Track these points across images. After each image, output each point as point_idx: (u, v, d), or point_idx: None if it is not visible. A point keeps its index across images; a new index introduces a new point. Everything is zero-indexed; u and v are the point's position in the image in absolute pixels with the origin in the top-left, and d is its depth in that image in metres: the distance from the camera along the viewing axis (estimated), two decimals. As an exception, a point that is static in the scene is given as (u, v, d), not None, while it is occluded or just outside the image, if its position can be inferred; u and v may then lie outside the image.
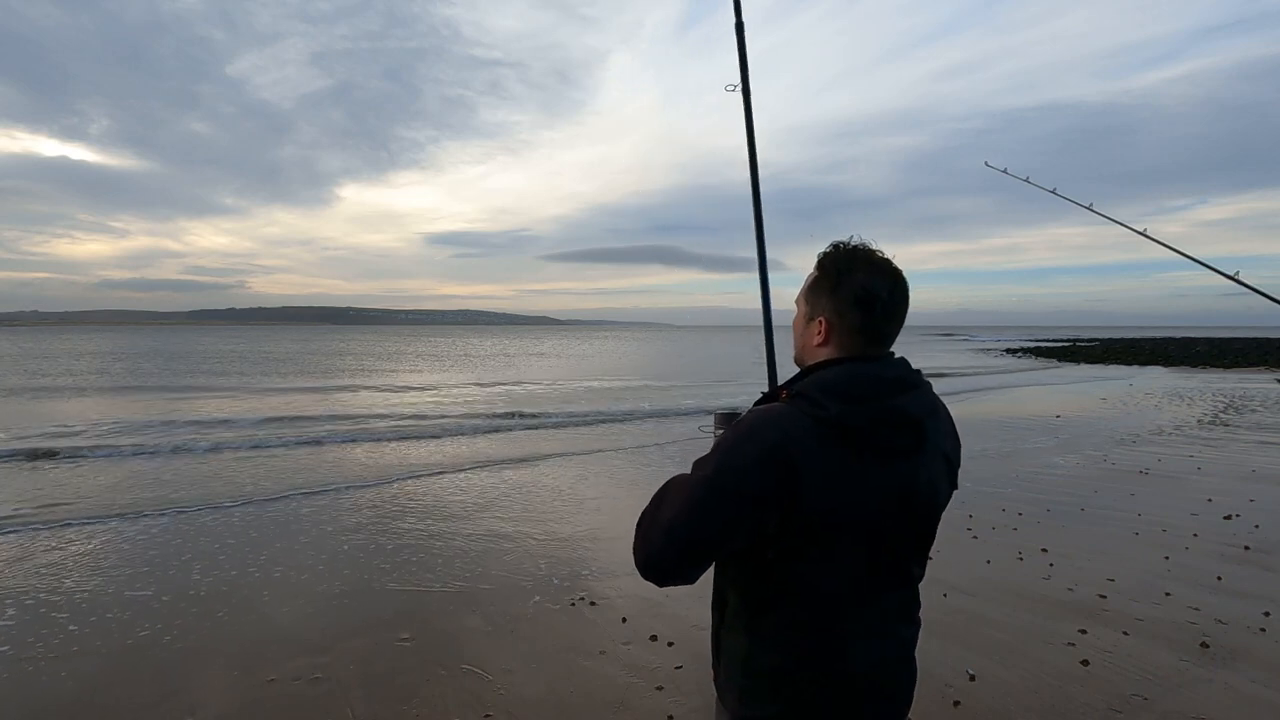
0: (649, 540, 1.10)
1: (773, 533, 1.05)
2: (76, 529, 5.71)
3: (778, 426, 1.04)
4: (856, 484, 1.04)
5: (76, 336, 79.85)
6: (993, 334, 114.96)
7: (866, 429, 1.04)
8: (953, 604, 3.97)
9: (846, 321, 1.11)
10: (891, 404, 1.06)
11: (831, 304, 1.12)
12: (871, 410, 1.05)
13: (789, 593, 1.09)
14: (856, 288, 1.10)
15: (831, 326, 1.13)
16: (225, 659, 3.42)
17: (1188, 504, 6.22)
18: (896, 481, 1.07)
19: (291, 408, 15.14)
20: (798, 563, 1.07)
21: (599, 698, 3.05)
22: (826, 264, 1.15)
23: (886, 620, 1.14)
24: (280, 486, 7.34)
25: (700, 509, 1.05)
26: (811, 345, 1.16)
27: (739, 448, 1.05)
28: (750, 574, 1.12)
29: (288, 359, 36.82)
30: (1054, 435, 10.61)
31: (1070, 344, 52.76)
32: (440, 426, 12.24)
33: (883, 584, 1.13)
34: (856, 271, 1.11)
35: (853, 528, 1.05)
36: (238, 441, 10.28)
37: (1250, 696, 3.00)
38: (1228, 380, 21.53)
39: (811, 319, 1.16)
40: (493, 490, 7.21)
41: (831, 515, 1.04)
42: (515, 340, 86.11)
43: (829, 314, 1.13)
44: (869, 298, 1.10)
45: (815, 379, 1.09)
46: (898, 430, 1.06)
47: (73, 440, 10.24)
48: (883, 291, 1.10)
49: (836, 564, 1.08)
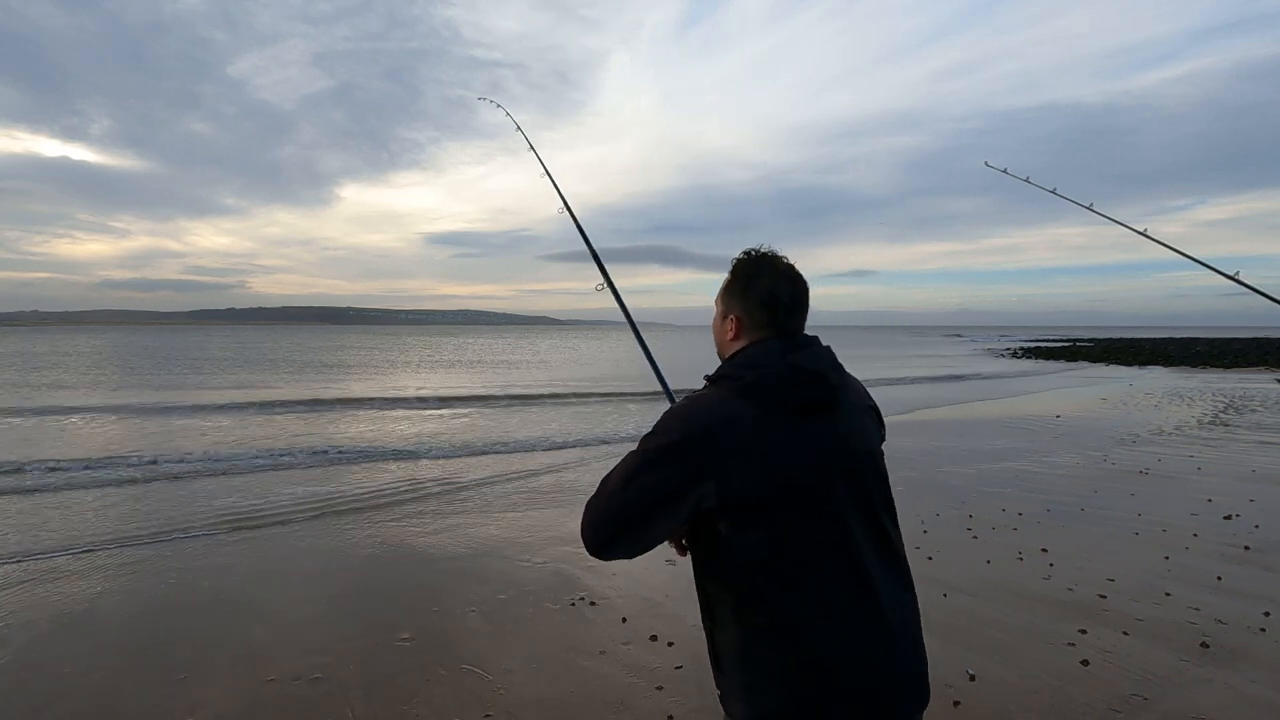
0: (595, 508, 1.20)
1: (713, 505, 1.12)
2: (78, 527, 5.72)
3: (702, 402, 1.19)
4: (784, 445, 1.13)
5: (80, 336, 79.82)
6: (993, 334, 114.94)
7: (777, 387, 1.16)
8: (953, 604, 3.97)
9: (754, 319, 1.28)
10: (792, 360, 1.20)
11: (741, 304, 1.29)
12: (777, 369, 1.18)
13: (761, 567, 1.12)
14: (762, 290, 1.27)
15: (742, 323, 1.29)
16: (225, 659, 3.42)
17: (1188, 504, 6.22)
18: (824, 434, 1.17)
19: (291, 408, 15.14)
20: (754, 532, 1.12)
21: (599, 698, 3.05)
22: (737, 270, 1.32)
23: (876, 585, 1.15)
24: (281, 487, 7.34)
25: (635, 480, 1.16)
26: (726, 340, 1.32)
27: (668, 424, 1.18)
28: (718, 559, 1.17)
29: (287, 361, 36.78)
30: (1054, 435, 10.61)
31: (1070, 344, 52.75)
32: (440, 428, 12.24)
33: (859, 546, 1.15)
34: (762, 276, 1.28)
35: (794, 487, 1.12)
36: (239, 442, 10.28)
37: (1250, 696, 3.00)
38: (1228, 380, 21.52)
39: (725, 317, 1.32)
40: (493, 490, 7.22)
41: (767, 479, 1.12)
42: (516, 340, 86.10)
43: (739, 312, 1.29)
44: (773, 300, 1.26)
45: (730, 362, 1.26)
46: (806, 384, 1.18)
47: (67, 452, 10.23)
48: (785, 295, 1.26)
49: (795, 530, 1.12)
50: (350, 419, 13.29)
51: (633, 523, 1.16)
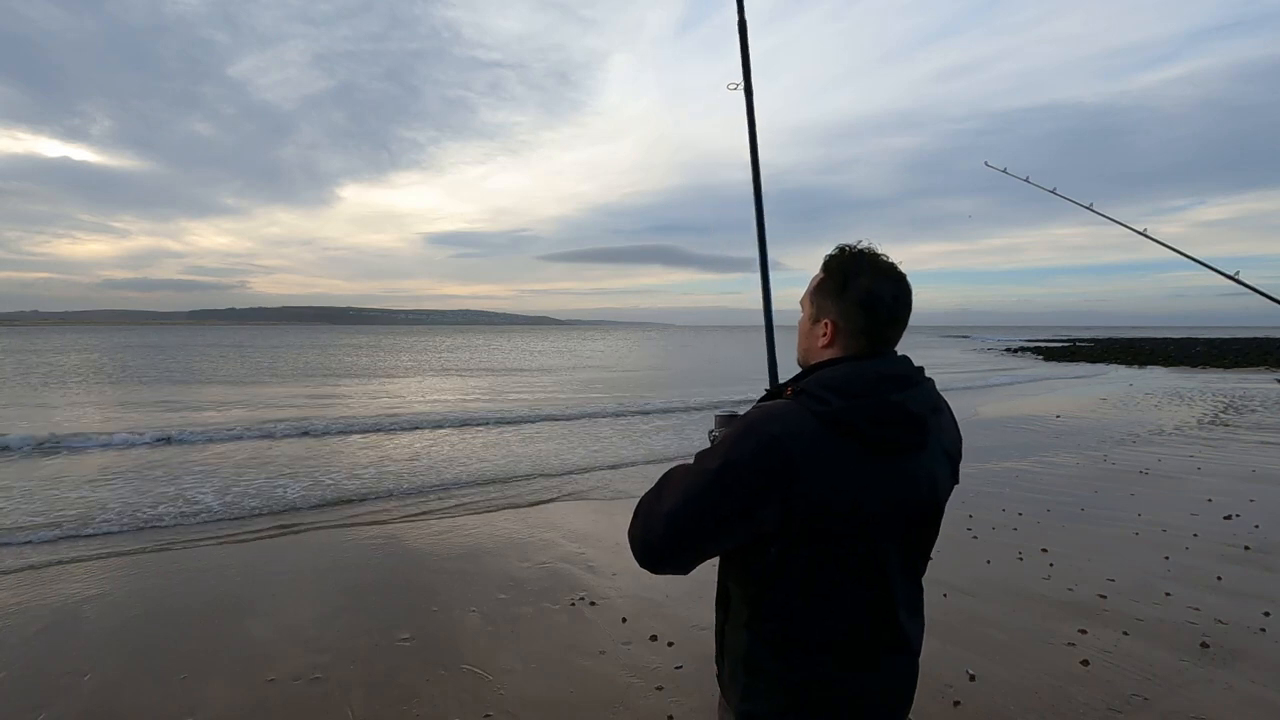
0: (649, 527, 1.12)
1: (772, 529, 1.05)
2: (79, 529, 5.72)
3: (779, 421, 1.06)
4: (858, 481, 1.05)
5: (81, 336, 79.79)
6: (993, 334, 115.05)
7: (868, 424, 1.04)
8: (953, 604, 3.97)
9: (851, 324, 1.13)
10: (892, 399, 1.07)
11: (837, 306, 1.14)
12: (872, 405, 1.05)
13: (794, 591, 1.09)
14: (862, 291, 1.12)
15: (837, 328, 1.15)
16: (225, 659, 3.42)
17: (1188, 504, 6.22)
18: (899, 479, 1.08)
19: (291, 408, 15.14)
20: (799, 560, 1.07)
21: (599, 698, 3.05)
22: (833, 267, 1.17)
23: (894, 618, 1.14)
24: (280, 487, 7.34)
25: (700, 499, 1.07)
26: (817, 347, 1.18)
27: (740, 443, 1.06)
28: (753, 571, 1.12)
29: (287, 364, 36.75)
30: (1054, 435, 10.62)
31: (1070, 344, 52.71)
32: (440, 428, 12.24)
33: (891, 583, 1.12)
34: (862, 275, 1.13)
35: (855, 524, 1.06)
36: (238, 442, 10.27)
37: (1250, 696, 3.00)
38: (1228, 380, 21.53)
39: (817, 320, 1.18)
40: (493, 491, 7.22)
41: (832, 511, 1.04)
42: (518, 340, 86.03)
43: (834, 316, 1.15)
44: (874, 301, 1.12)
45: (818, 377, 1.11)
46: (899, 426, 1.07)
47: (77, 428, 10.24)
48: (887, 296, 1.12)
49: (840, 562, 1.08)
50: (350, 420, 13.27)
51: (690, 541, 1.09)
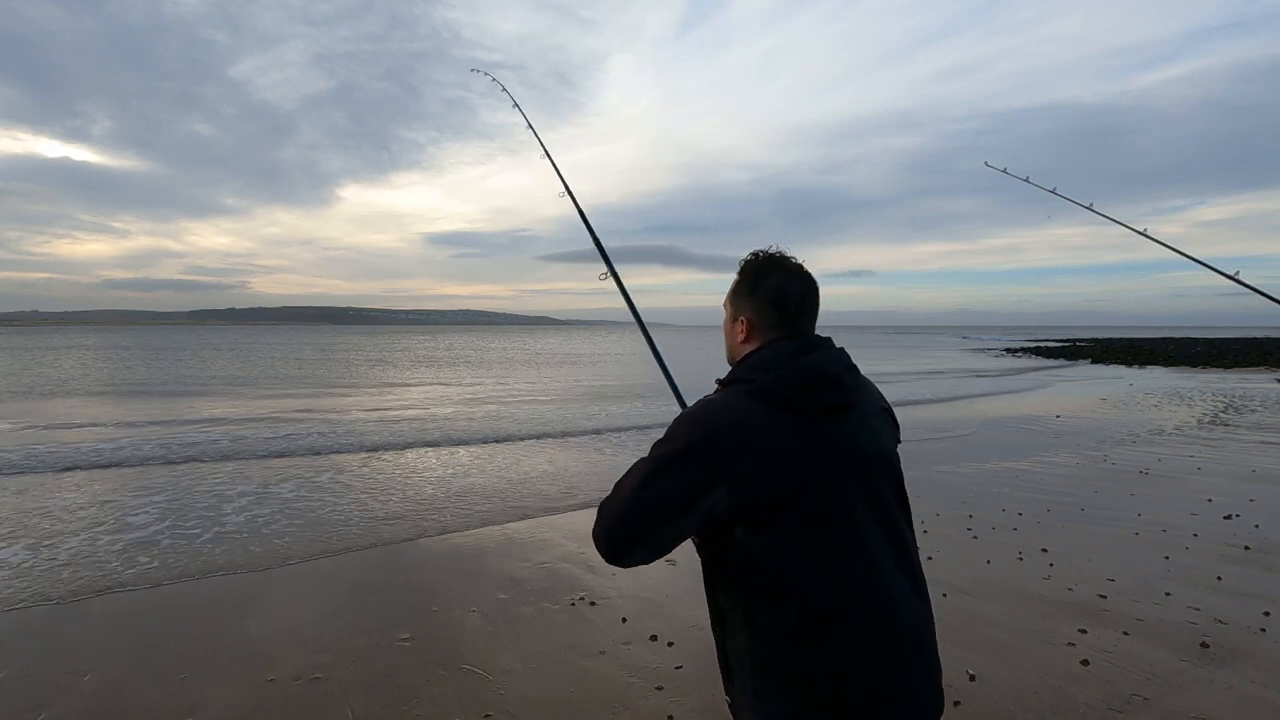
0: (609, 513, 1.19)
1: (727, 508, 1.11)
2: (76, 532, 5.72)
3: (716, 405, 1.17)
4: (799, 448, 1.11)
5: (82, 336, 79.80)
6: (993, 334, 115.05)
7: (791, 391, 1.14)
8: (953, 604, 3.97)
9: (765, 319, 1.26)
10: (805, 362, 1.18)
11: (750, 304, 1.27)
12: (791, 373, 1.16)
13: (772, 572, 1.11)
14: (771, 290, 1.25)
15: (752, 324, 1.27)
16: (225, 659, 3.42)
17: (1188, 504, 6.22)
18: (837, 438, 1.15)
19: (291, 407, 15.14)
20: (766, 537, 1.10)
21: (599, 698, 3.05)
22: (745, 270, 1.30)
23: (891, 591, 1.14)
24: (280, 487, 7.34)
25: (651, 480, 1.14)
26: (738, 343, 1.30)
27: (679, 428, 1.17)
28: (732, 565, 1.15)
29: (287, 367, 36.76)
30: (1054, 435, 10.62)
31: (1070, 344, 52.73)
32: (442, 429, 12.24)
33: (873, 552, 1.13)
34: (771, 275, 1.26)
35: (808, 492, 1.10)
36: (236, 444, 10.28)
37: (1250, 696, 3.00)
38: (1228, 380, 21.52)
39: (735, 319, 1.30)
40: (492, 491, 7.22)
41: (780, 483, 1.09)
42: (519, 340, 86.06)
43: (749, 314, 1.27)
44: (782, 298, 1.24)
45: (744, 363, 1.24)
46: (819, 387, 1.16)
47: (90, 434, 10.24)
48: (794, 292, 1.25)
49: (809, 534, 1.10)
50: (348, 420, 13.28)
51: (646, 529, 1.14)
